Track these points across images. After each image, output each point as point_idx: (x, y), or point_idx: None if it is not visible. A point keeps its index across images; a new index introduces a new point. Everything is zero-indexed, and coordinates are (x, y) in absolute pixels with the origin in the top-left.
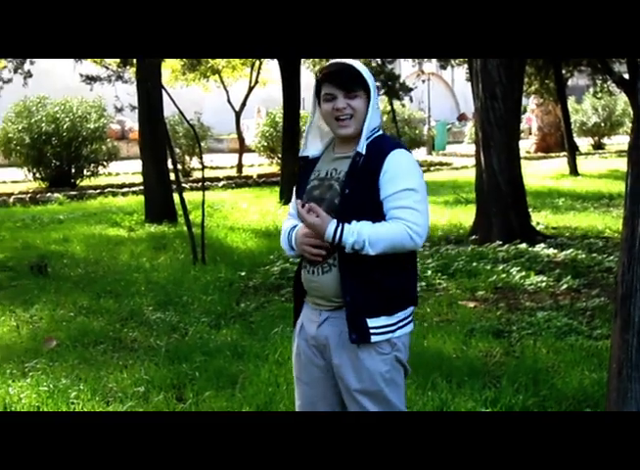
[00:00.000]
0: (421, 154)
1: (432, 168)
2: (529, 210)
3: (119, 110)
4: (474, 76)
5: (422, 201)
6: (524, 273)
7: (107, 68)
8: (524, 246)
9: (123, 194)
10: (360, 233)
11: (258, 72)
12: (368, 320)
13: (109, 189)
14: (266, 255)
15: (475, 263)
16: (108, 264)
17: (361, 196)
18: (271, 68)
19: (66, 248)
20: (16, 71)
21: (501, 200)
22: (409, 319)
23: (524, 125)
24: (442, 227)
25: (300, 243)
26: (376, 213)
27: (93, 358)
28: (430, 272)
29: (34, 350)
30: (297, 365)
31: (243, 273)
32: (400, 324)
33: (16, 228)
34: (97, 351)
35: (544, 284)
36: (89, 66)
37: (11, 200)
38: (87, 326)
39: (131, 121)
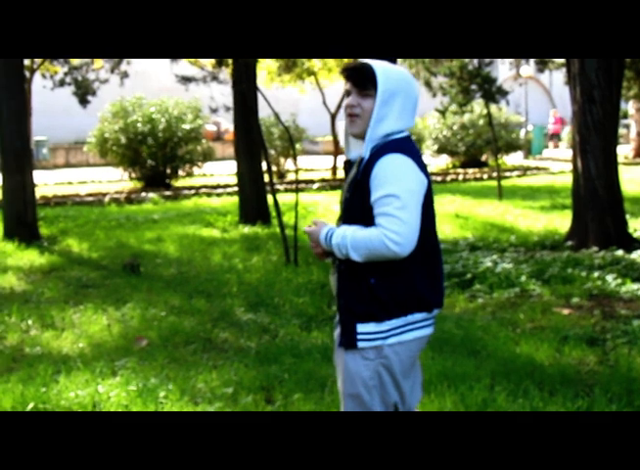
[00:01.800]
0: (517, 158)
1: (528, 173)
2: (626, 216)
3: (214, 110)
4: (571, 80)
5: (404, 207)
6: (619, 281)
7: (202, 68)
8: (620, 252)
9: (218, 195)
10: (344, 237)
11: None
12: (358, 325)
13: (203, 190)
14: None
15: (570, 269)
16: (200, 265)
17: (356, 200)
18: None
19: (159, 247)
20: (112, 72)
21: (598, 205)
22: (410, 327)
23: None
24: (538, 233)
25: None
26: (369, 218)
27: (183, 358)
28: (524, 278)
29: (124, 348)
30: None
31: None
32: (395, 331)
33: (110, 227)
34: (187, 351)
35: None
36: (185, 66)
37: (106, 199)
38: (178, 326)
39: (227, 122)
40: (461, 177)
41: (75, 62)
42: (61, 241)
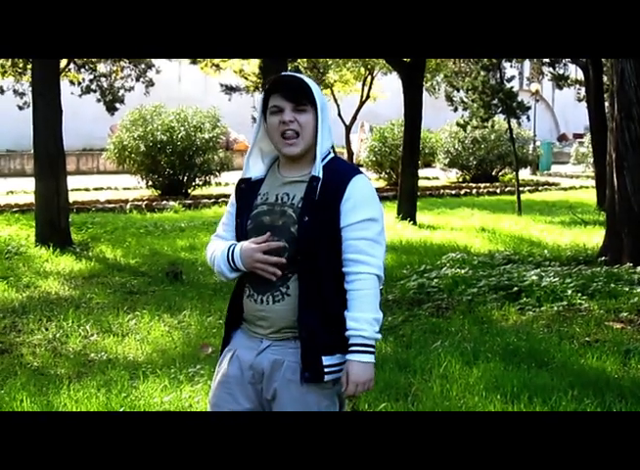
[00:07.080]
0: (526, 174)
1: (540, 188)
2: None
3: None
4: (609, 97)
5: (382, 231)
6: None
7: (246, 78)
8: None
9: None
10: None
11: (370, 87)
12: (324, 358)
13: (222, 199)
14: (397, 269)
15: (612, 284)
16: None
17: (320, 223)
18: (382, 82)
19: (195, 255)
20: (138, 80)
21: (633, 221)
22: None
23: None
24: (567, 247)
25: (255, 260)
26: (334, 242)
27: None
28: (570, 292)
29: (191, 355)
30: (222, 391)
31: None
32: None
33: (140, 235)
34: None
35: None
36: (198, 76)
37: (127, 206)
38: None
39: (236, 133)
40: (474, 191)
41: (102, 69)
42: (93, 247)
